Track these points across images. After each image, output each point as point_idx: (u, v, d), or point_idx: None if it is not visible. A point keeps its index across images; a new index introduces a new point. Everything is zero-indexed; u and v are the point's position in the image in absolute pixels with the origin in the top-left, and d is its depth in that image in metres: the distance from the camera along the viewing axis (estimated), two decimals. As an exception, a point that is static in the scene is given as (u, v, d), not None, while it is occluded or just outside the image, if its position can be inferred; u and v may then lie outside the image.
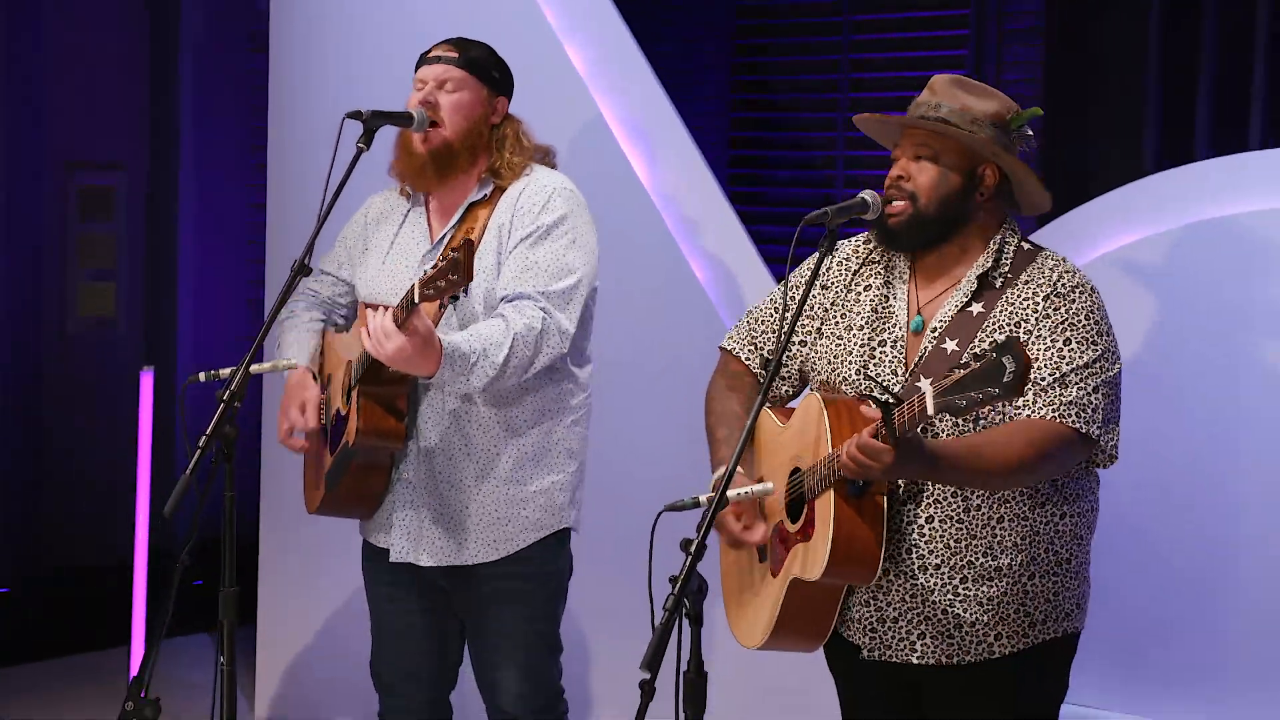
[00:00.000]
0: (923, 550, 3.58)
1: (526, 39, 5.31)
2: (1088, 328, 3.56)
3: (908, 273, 3.73)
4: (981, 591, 3.58)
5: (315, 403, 4.29)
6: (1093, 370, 3.53)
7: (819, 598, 3.60)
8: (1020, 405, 3.52)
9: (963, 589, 3.57)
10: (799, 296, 3.58)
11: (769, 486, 3.64)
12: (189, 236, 7.45)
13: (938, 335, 3.60)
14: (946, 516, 3.56)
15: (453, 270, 3.69)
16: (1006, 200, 3.71)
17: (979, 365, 3.11)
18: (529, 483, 4.25)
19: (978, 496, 3.56)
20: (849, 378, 3.68)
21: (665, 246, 5.73)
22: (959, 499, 3.56)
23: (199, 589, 5.63)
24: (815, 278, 3.64)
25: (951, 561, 3.57)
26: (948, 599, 3.58)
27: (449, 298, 3.76)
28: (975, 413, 3.28)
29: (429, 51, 4.35)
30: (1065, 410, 3.50)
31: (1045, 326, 3.55)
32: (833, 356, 3.72)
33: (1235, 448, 6.07)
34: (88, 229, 7.25)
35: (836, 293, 3.79)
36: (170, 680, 5.65)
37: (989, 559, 3.57)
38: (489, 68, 4.31)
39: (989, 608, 3.58)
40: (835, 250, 3.84)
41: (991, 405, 3.16)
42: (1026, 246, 3.68)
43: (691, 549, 3.32)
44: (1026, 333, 3.55)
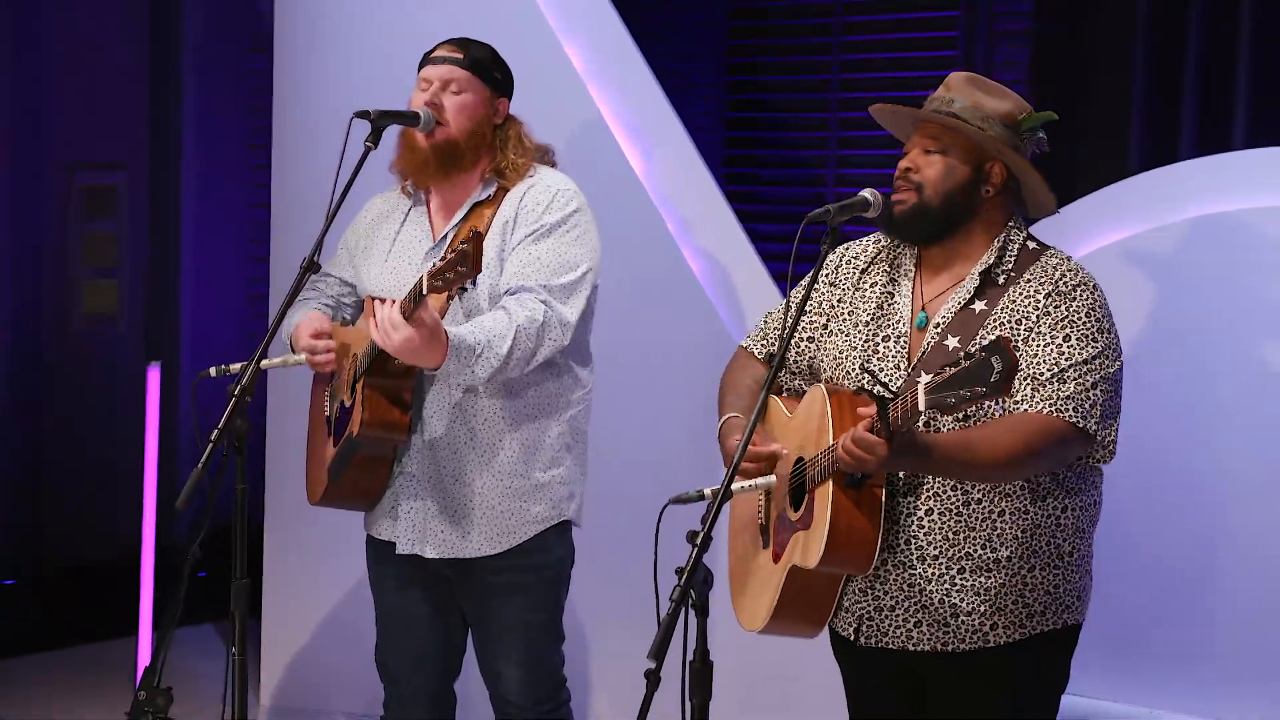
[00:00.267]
0: (921, 542, 3.59)
1: (526, 39, 5.31)
2: (1088, 325, 3.56)
3: (913, 269, 3.74)
4: (979, 582, 3.58)
5: (328, 322, 4.27)
6: (1092, 366, 3.53)
7: (817, 585, 3.62)
8: (1019, 400, 3.53)
9: (960, 579, 3.58)
10: (801, 296, 3.59)
11: (772, 479, 3.66)
12: (190, 235, 7.43)
13: (940, 331, 3.61)
14: (946, 509, 3.57)
15: (462, 262, 3.69)
16: (1014, 199, 3.71)
17: (968, 364, 3.13)
18: (531, 476, 4.25)
19: (978, 490, 3.57)
20: (852, 372, 3.69)
21: (663, 244, 5.74)
22: (959, 492, 3.57)
23: (203, 580, 5.64)
24: (818, 274, 3.66)
25: (950, 553, 3.58)
26: (944, 589, 3.59)
27: (457, 290, 3.75)
28: (964, 410, 3.30)
29: (432, 51, 4.34)
30: (1062, 405, 3.51)
31: (1046, 323, 3.56)
32: (838, 352, 3.73)
33: (1222, 445, 6.09)
34: (90, 228, 7.23)
35: (844, 290, 3.80)
36: (175, 669, 5.62)
37: (988, 551, 3.58)
38: (491, 69, 4.31)
39: (986, 598, 3.59)
40: (846, 249, 3.85)
41: (979, 403, 3.19)
42: (1032, 245, 3.69)
43: (697, 541, 3.32)
44: (1028, 329, 3.56)
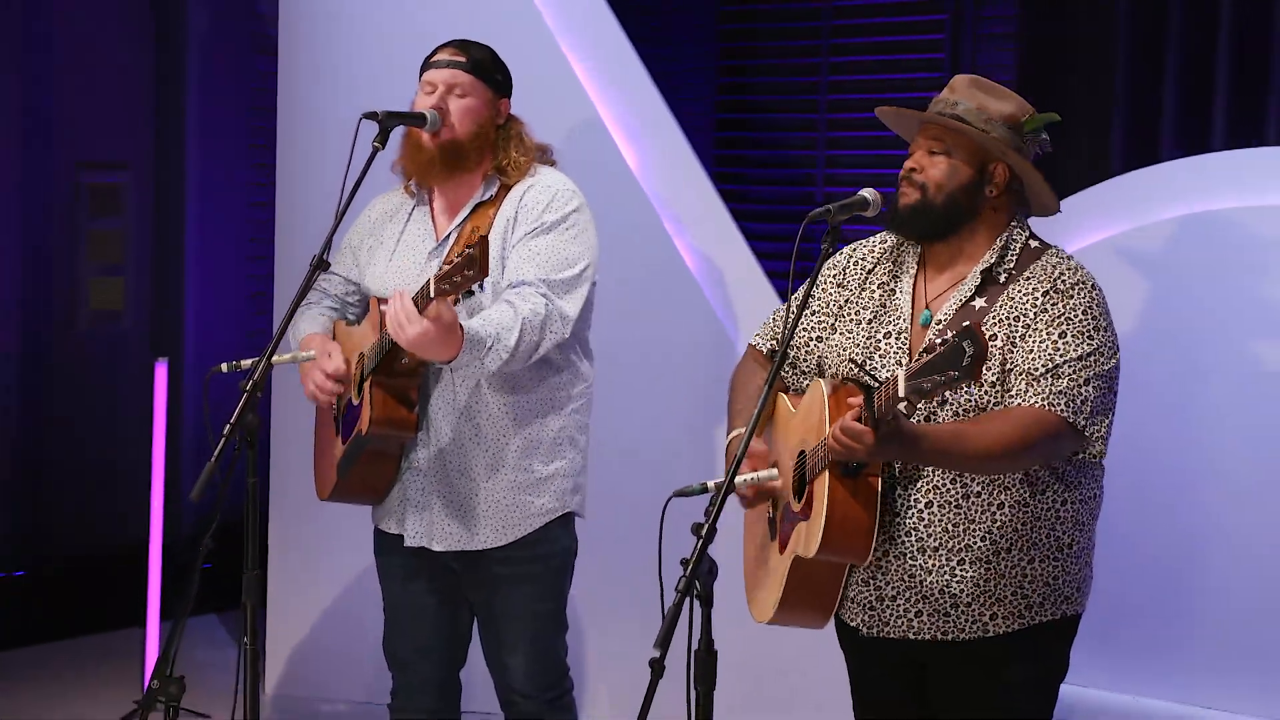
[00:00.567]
0: (921, 533, 3.58)
1: (525, 41, 5.31)
2: (1084, 322, 3.56)
3: (915, 267, 3.74)
4: (978, 573, 3.58)
5: (340, 349, 4.26)
6: (1086, 363, 3.53)
7: (820, 575, 3.61)
8: (1014, 394, 3.53)
9: (959, 570, 3.58)
10: (803, 291, 3.59)
11: (774, 472, 3.66)
12: (194, 233, 7.43)
13: (940, 329, 3.61)
14: (945, 501, 3.57)
15: (469, 266, 3.69)
16: (1017, 199, 3.71)
17: (942, 349, 3.15)
18: (535, 470, 4.25)
19: (977, 483, 3.56)
20: (858, 361, 3.69)
21: (659, 241, 5.75)
22: (958, 485, 3.57)
23: (207, 572, 5.62)
24: (819, 271, 3.66)
25: (949, 544, 3.57)
26: (944, 580, 3.59)
27: (464, 293, 3.75)
28: (941, 394, 3.30)
29: (433, 55, 4.34)
30: (1054, 399, 3.51)
31: (1043, 320, 3.56)
32: (841, 349, 3.73)
33: (1210, 441, 6.11)
34: (97, 226, 7.23)
35: (852, 291, 3.80)
36: (179, 659, 5.60)
37: (986, 543, 3.57)
38: (493, 71, 4.31)
39: (985, 589, 3.59)
40: (854, 249, 3.86)
41: (953, 387, 3.18)
42: (1034, 244, 3.69)
43: (702, 533, 3.32)
44: (1025, 326, 3.56)
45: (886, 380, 3.28)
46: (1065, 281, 3.60)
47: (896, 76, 7.84)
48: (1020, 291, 3.60)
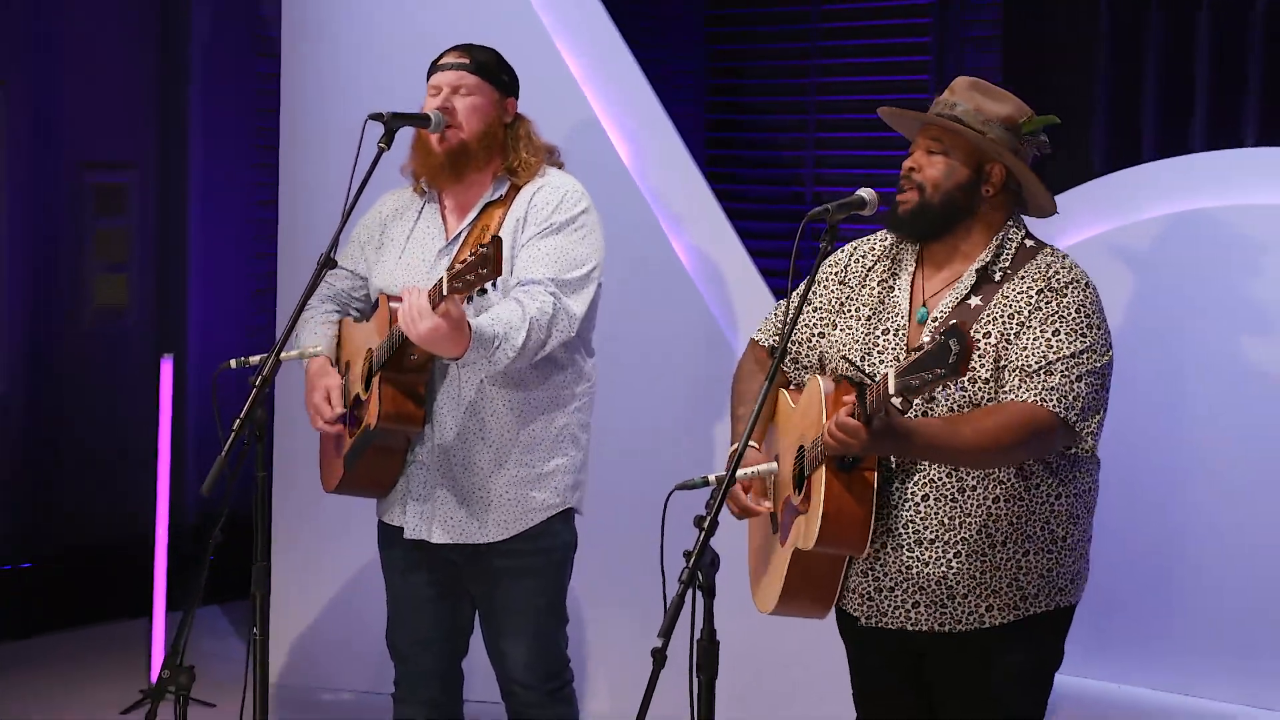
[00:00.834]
0: (918, 526, 3.58)
1: (524, 44, 5.28)
2: (1078, 320, 3.55)
3: (914, 265, 3.73)
4: (974, 565, 3.58)
5: (338, 389, 4.27)
6: (1078, 360, 3.53)
7: (820, 567, 3.61)
8: (1007, 390, 3.53)
9: (956, 563, 3.58)
10: (803, 288, 3.58)
11: (774, 466, 3.66)
12: (198, 231, 7.42)
13: (937, 326, 3.61)
14: (941, 495, 3.57)
15: (483, 264, 3.68)
16: (1015, 199, 3.70)
17: (930, 348, 3.15)
18: (538, 466, 4.24)
19: (972, 476, 3.56)
20: (851, 359, 3.68)
21: (655, 239, 5.74)
22: (954, 479, 3.56)
23: (210, 563, 5.60)
24: (817, 270, 3.66)
25: (945, 537, 3.57)
26: (941, 571, 3.58)
27: (477, 291, 3.75)
28: (930, 391, 3.29)
29: (440, 58, 4.33)
30: (1046, 395, 3.50)
31: (1037, 319, 3.55)
32: (842, 346, 3.73)
33: (1189, 437, 6.11)
34: (102, 224, 7.21)
35: (852, 288, 3.79)
36: (186, 649, 5.59)
37: (981, 535, 3.57)
38: (498, 71, 4.30)
39: (980, 580, 3.59)
40: (855, 247, 3.85)
41: (941, 384, 3.20)
42: (1030, 243, 3.68)
43: (704, 525, 3.31)
44: (1020, 324, 3.55)
45: (879, 378, 3.27)
46: (1059, 280, 3.59)
47: (884, 78, 7.85)
48: (1015, 290, 3.60)
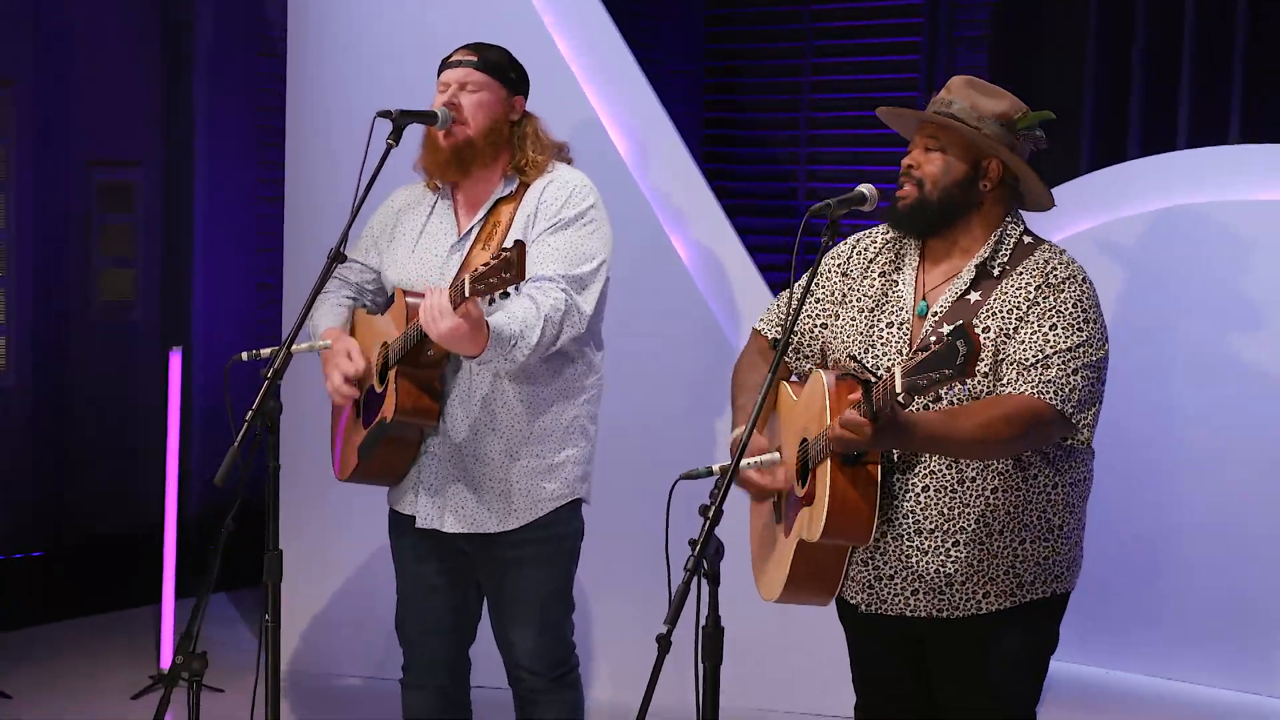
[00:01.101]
0: (917, 516, 3.58)
1: (525, 44, 5.26)
2: (1074, 315, 3.55)
3: (917, 260, 3.72)
4: (971, 553, 3.57)
5: (358, 349, 4.23)
6: (1075, 354, 3.52)
7: (824, 557, 3.60)
8: (1005, 384, 3.52)
9: (954, 551, 3.57)
10: (805, 281, 3.58)
11: (776, 456, 3.65)
12: (202, 227, 7.41)
13: (937, 320, 3.60)
14: (941, 486, 3.56)
15: (506, 269, 3.67)
16: (1013, 194, 3.70)
17: (937, 348, 3.13)
18: (548, 457, 4.22)
19: (970, 468, 3.56)
20: (857, 356, 3.68)
21: (654, 234, 5.74)
22: (953, 470, 3.56)
23: (213, 553, 5.58)
24: (819, 263, 3.66)
25: (944, 527, 3.57)
26: (939, 560, 3.58)
27: (499, 294, 3.73)
28: (936, 391, 3.29)
29: (450, 56, 4.31)
30: (1044, 388, 3.50)
31: (1034, 313, 3.55)
32: (845, 338, 3.72)
33: (1176, 428, 6.13)
34: (108, 220, 7.21)
35: (853, 279, 3.78)
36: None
37: (979, 525, 3.57)
38: (506, 69, 4.27)
39: (978, 568, 3.59)
40: (858, 240, 3.84)
41: (948, 384, 3.19)
42: (1028, 239, 3.67)
43: (710, 513, 3.30)
44: (1018, 319, 3.55)
45: (884, 376, 3.26)
46: (1057, 276, 3.59)
47: (876, 77, 7.86)
48: (1013, 285, 3.59)
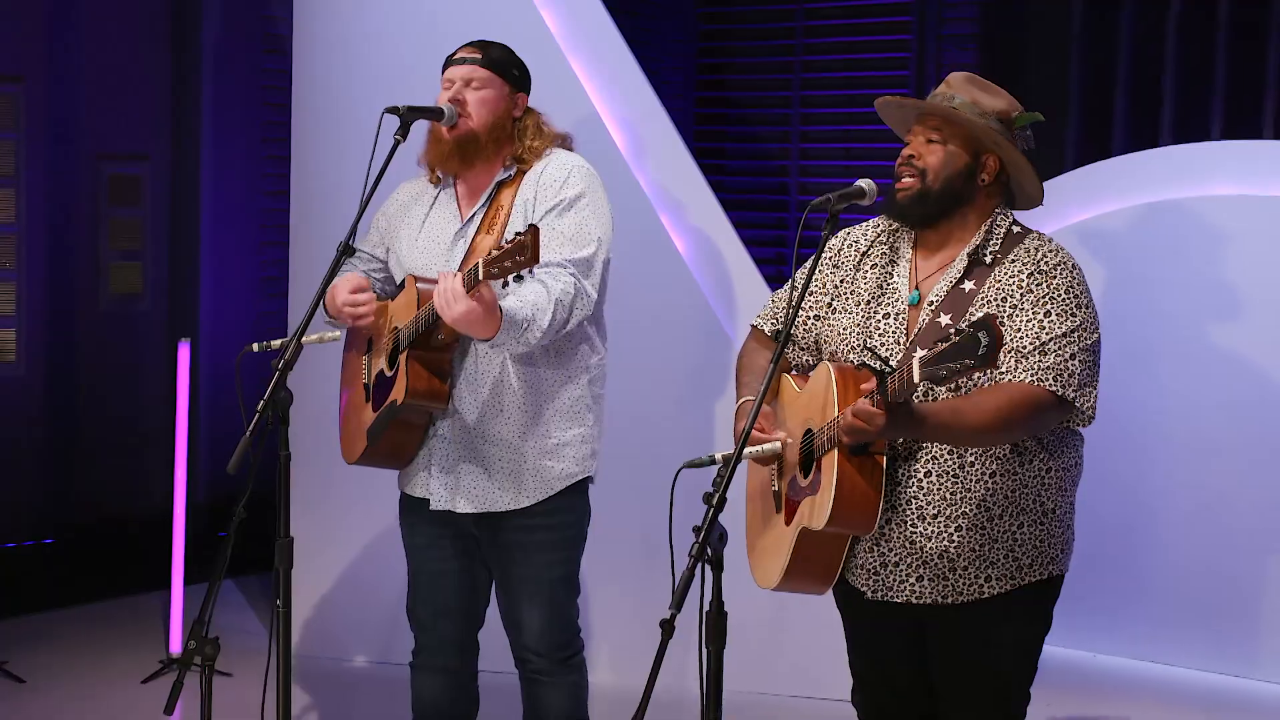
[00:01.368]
0: (921, 502, 3.58)
1: (528, 42, 5.26)
2: (1067, 301, 3.56)
3: (910, 252, 3.72)
4: (973, 538, 3.58)
5: (353, 278, 4.23)
6: (1070, 339, 3.53)
7: (826, 545, 3.59)
8: (1004, 371, 3.52)
9: (957, 536, 3.57)
10: (807, 271, 3.58)
11: (778, 445, 3.64)
12: (208, 220, 7.42)
13: (933, 309, 3.60)
14: (943, 472, 3.56)
15: (519, 252, 3.66)
16: (1005, 191, 3.71)
17: (958, 339, 3.13)
18: (555, 437, 4.22)
19: (971, 454, 3.56)
20: (855, 347, 3.68)
21: (653, 228, 5.73)
22: (954, 457, 3.56)
23: (223, 540, 5.57)
24: (820, 256, 3.65)
25: (947, 512, 3.57)
26: (943, 545, 3.58)
27: (513, 278, 3.73)
28: (956, 380, 3.28)
29: (454, 54, 4.30)
30: (1043, 375, 3.50)
31: (1029, 300, 3.55)
32: (842, 329, 3.72)
33: (1155, 416, 6.14)
34: (117, 214, 7.20)
35: (847, 272, 3.78)
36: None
37: (980, 509, 3.57)
38: (509, 66, 4.27)
39: (980, 552, 3.59)
40: (847, 234, 3.84)
41: (969, 374, 3.18)
42: (1016, 229, 3.68)
43: (714, 501, 3.29)
44: (1012, 306, 3.55)
45: (901, 367, 3.26)
46: (1048, 263, 3.59)
47: (865, 74, 7.86)
48: (1006, 274, 3.60)
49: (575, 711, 4.36)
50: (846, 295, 3.75)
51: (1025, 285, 3.57)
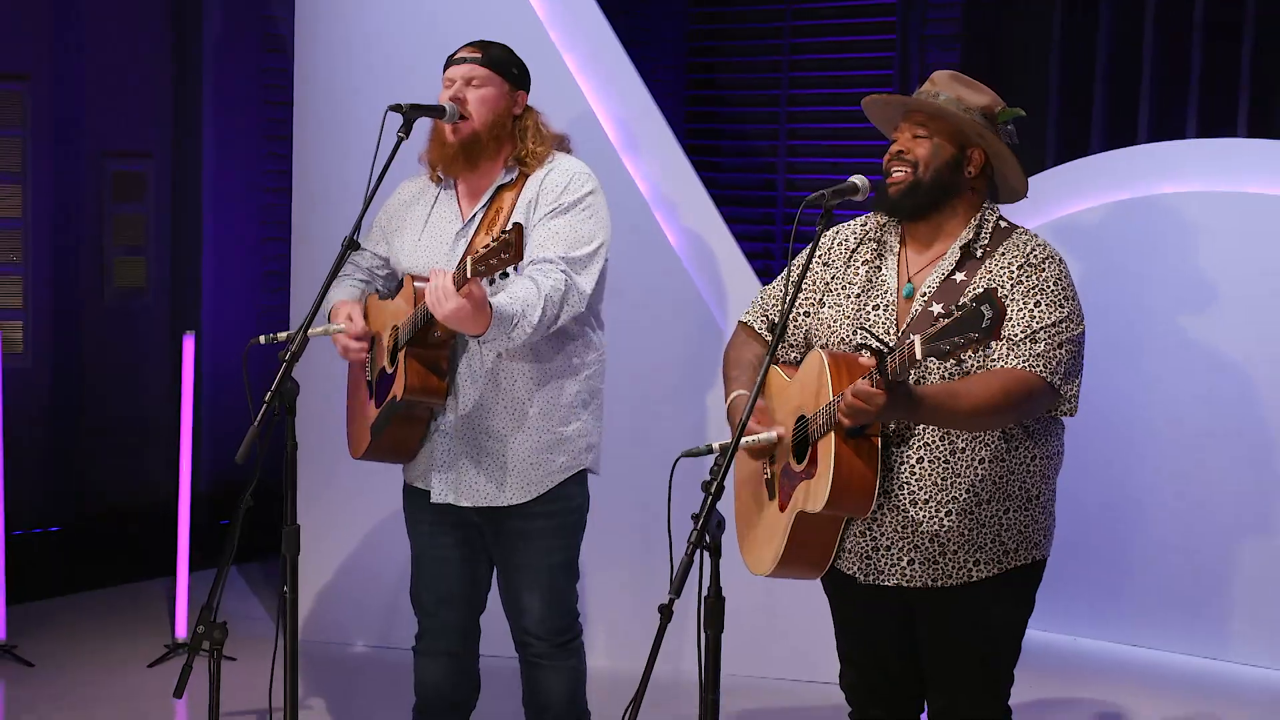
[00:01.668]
0: (913, 487, 3.58)
1: (523, 41, 5.26)
2: (1056, 293, 3.57)
3: (898, 246, 3.73)
4: (962, 522, 3.59)
5: (358, 310, 4.24)
6: (1059, 329, 3.55)
7: (821, 529, 3.60)
8: (996, 358, 3.53)
9: (948, 520, 3.58)
10: (800, 268, 3.58)
11: (773, 435, 3.64)
12: (210, 216, 7.39)
13: (926, 300, 3.61)
14: (935, 458, 3.57)
15: (505, 250, 3.65)
16: (989, 185, 3.72)
17: (960, 314, 3.14)
18: (555, 431, 4.22)
19: (961, 440, 3.57)
20: (846, 338, 3.68)
21: (645, 221, 5.73)
22: (945, 442, 3.57)
23: (226, 527, 5.57)
24: (814, 251, 3.65)
25: (938, 496, 3.58)
26: (934, 529, 3.59)
27: (499, 275, 3.71)
28: (958, 355, 3.27)
29: (455, 53, 4.29)
30: (1034, 362, 3.52)
31: (1019, 292, 3.56)
32: (832, 322, 3.72)
33: (1136, 407, 6.15)
34: (121, 210, 7.17)
35: (836, 268, 3.79)
36: (204, 607, 5.60)
37: (970, 494, 3.58)
38: (509, 65, 4.26)
39: (968, 536, 3.60)
40: (836, 232, 3.84)
41: (973, 348, 3.16)
42: (1004, 224, 3.70)
43: (712, 489, 3.29)
44: (1003, 296, 3.55)
45: (901, 345, 3.26)
46: (1037, 256, 3.61)
47: (851, 73, 7.88)
48: (996, 266, 3.61)
49: (574, 694, 4.37)
50: (837, 290, 3.76)
51: (1015, 277, 3.58)
